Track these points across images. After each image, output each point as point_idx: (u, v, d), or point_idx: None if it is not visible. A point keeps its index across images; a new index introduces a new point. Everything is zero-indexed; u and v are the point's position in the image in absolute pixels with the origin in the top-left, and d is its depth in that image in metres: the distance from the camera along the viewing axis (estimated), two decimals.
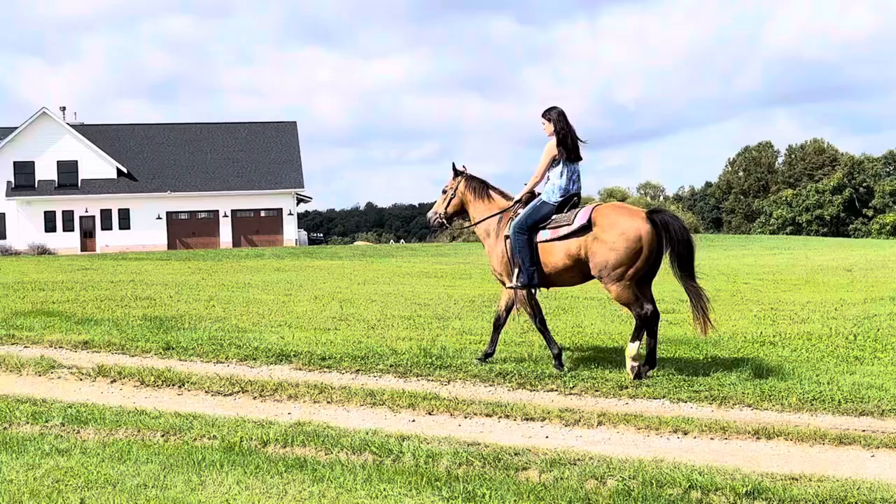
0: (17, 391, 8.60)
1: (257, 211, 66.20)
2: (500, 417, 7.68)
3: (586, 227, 9.24)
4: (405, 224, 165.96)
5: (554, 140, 9.72)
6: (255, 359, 10.14)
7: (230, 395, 8.58)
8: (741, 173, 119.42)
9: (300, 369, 9.70)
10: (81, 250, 62.43)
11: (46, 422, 7.34)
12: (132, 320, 13.39)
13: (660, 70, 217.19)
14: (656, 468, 6.02)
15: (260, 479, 5.80)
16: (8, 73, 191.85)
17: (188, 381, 8.92)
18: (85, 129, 66.89)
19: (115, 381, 9.12)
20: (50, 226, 63.68)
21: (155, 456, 6.31)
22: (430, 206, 10.97)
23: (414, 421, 7.64)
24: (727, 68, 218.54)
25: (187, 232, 65.06)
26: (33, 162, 64.04)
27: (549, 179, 9.81)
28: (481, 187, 10.54)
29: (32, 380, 9.28)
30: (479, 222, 10.42)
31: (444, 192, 10.83)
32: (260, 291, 20.26)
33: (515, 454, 6.36)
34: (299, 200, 68.71)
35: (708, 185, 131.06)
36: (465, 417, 7.74)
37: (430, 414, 7.86)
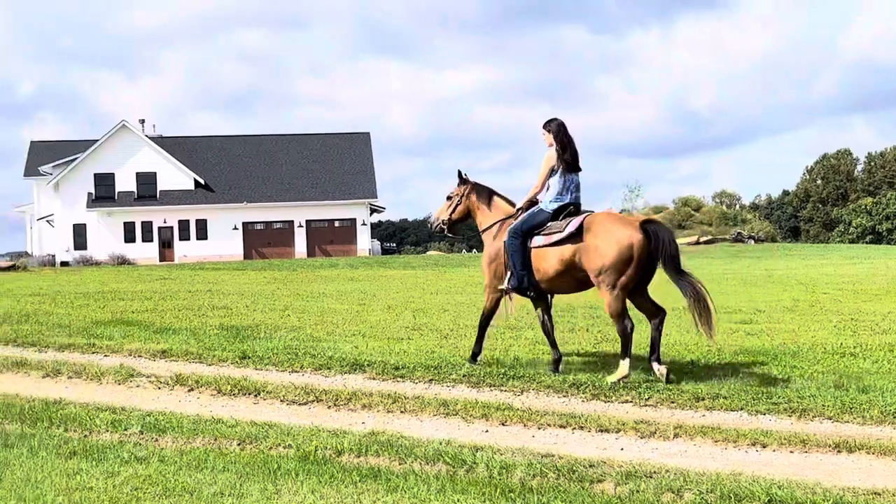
0: (97, 399, 8.76)
1: (331, 221, 66.74)
2: (574, 429, 7.62)
3: (578, 235, 9.58)
4: (477, 234, 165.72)
5: (553, 151, 10.06)
6: (329, 368, 10.20)
7: (305, 404, 8.63)
8: (819, 181, 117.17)
9: (374, 379, 9.73)
10: (160, 260, 63.59)
11: (126, 430, 7.46)
12: (209, 329, 13.58)
13: (734, 76, 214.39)
14: (734, 482, 5.92)
15: (334, 488, 5.83)
16: (89, 87, 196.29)
17: (264, 390, 9.01)
18: (163, 142, 68.16)
19: (192, 389, 9.25)
20: (129, 236, 64.94)
21: (231, 464, 6.38)
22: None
23: (487, 431, 7.61)
24: (803, 74, 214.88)
25: (263, 242, 65.88)
26: (113, 174, 65.40)
27: (549, 188, 10.14)
28: (488, 195, 10.94)
29: (112, 388, 9.44)
30: (486, 229, 10.75)
31: (450, 198, 11.21)
32: (334, 301, 20.41)
33: (590, 466, 6.30)
34: (372, 210, 69.17)
35: (785, 193, 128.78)
36: (539, 428, 7.69)
37: (503, 424, 7.82)
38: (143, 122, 69.71)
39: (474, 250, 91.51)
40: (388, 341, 12.52)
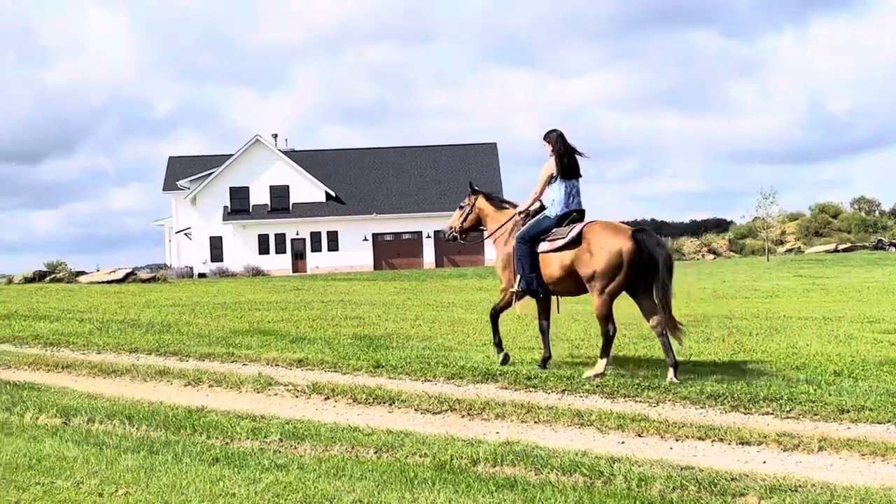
0: (237, 407, 8.97)
1: None
2: (714, 441, 7.44)
3: (577, 241, 10.23)
4: None
5: (552, 159, 10.75)
6: (461, 377, 10.21)
7: (439, 413, 8.66)
8: None
9: (506, 388, 9.69)
10: (293, 271, 64.95)
11: (265, 437, 7.61)
12: (343, 339, 13.78)
13: (874, 79, 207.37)
14: (884, 497, 5.68)
15: (471, 497, 5.81)
16: (224, 103, 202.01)
17: (398, 399, 9.08)
18: (295, 155, 69.71)
19: (328, 398, 9.38)
20: (263, 248, 66.55)
21: (369, 472, 6.43)
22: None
23: (623, 443, 7.49)
24: None
25: (392, 252, 66.66)
26: (248, 187, 67.16)
27: (552, 196, 10.81)
28: (497, 202, 11.90)
29: (251, 396, 9.65)
30: (493, 232, 11.63)
31: (462, 207, 12.23)
32: (464, 311, 20.47)
33: (732, 479, 6.13)
34: None
35: None
36: (677, 440, 7.53)
37: (639, 436, 7.69)
38: (275, 136, 71.43)
39: None
40: (519, 351, 12.48)
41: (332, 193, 67.49)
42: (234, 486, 6.10)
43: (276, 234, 66.76)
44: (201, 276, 62.82)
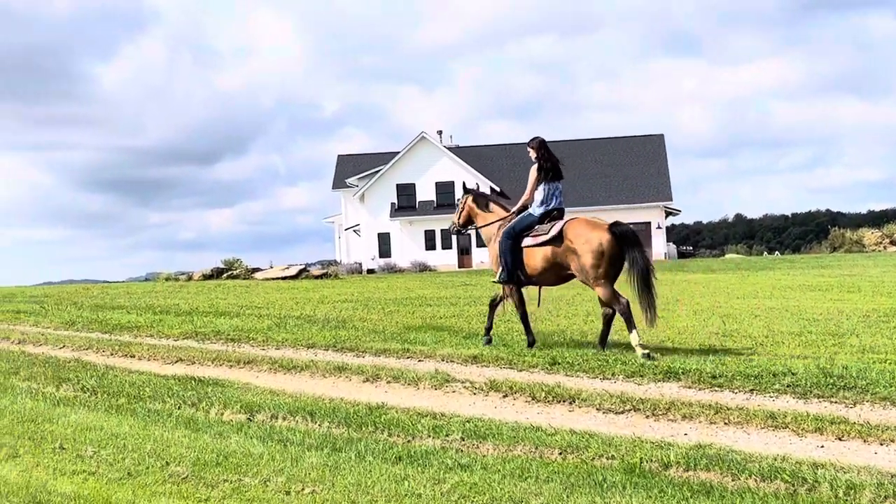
0: (416, 404, 8.90)
1: None
2: None
3: (559, 237, 11.58)
4: (777, 235, 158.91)
5: (536, 165, 12.26)
6: (642, 375, 9.88)
7: (622, 412, 8.37)
8: None
9: (689, 387, 9.32)
10: (459, 267, 65.34)
11: (447, 436, 7.50)
12: (516, 335, 13.61)
13: None
14: None
15: (664, 503, 5.54)
16: (389, 101, 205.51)
17: (578, 398, 8.83)
18: (459, 151, 70.09)
19: (506, 395, 9.21)
20: (430, 244, 67.17)
21: (555, 474, 6.23)
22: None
23: (822, 447, 7.04)
24: None
25: None
26: (414, 184, 67.92)
27: (536, 196, 12.21)
28: (484, 201, 13.38)
29: (429, 393, 9.58)
30: (481, 227, 13.14)
31: (457, 205, 13.70)
32: (635, 306, 19.97)
33: None
34: (668, 213, 67.85)
35: None
36: (881, 444, 7.03)
37: (839, 439, 7.22)
38: (440, 133, 71.99)
39: (776, 252, 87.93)
40: (700, 348, 12.04)
41: (497, 188, 67.51)
42: (419, 486, 6.00)
43: (442, 230, 67.24)
44: (370, 271, 63.93)
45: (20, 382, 10.33)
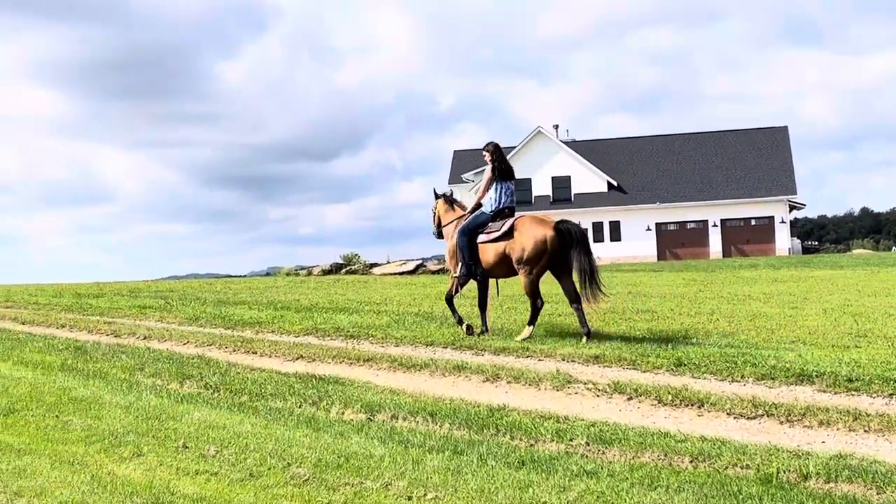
0: (537, 406, 8.69)
1: (747, 220, 64.46)
2: None
3: (510, 233, 12.69)
4: None
5: (489, 167, 13.34)
6: (772, 378, 9.47)
7: (753, 418, 8.02)
8: None
9: (824, 391, 8.89)
10: None
11: (571, 440, 7.28)
12: (638, 334, 13.28)
13: None
14: None
15: None
16: (505, 95, 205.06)
17: (707, 402, 8.49)
18: (576, 146, 69.50)
19: (631, 398, 8.93)
20: None
21: (686, 484, 5.95)
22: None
23: None
24: None
25: (676, 243, 65.04)
26: (530, 179, 67.57)
27: (490, 196, 13.28)
28: (449, 203, 14.59)
29: (550, 394, 9.35)
30: (444, 225, 14.33)
31: (432, 210, 14.92)
32: (762, 304, 19.38)
33: None
34: (791, 208, 65.98)
35: None
36: None
37: None
38: (556, 127, 71.48)
39: None
40: (833, 349, 11.54)
41: (614, 183, 66.73)
42: (544, 493, 5.81)
43: None
44: None
45: (145, 379, 10.48)
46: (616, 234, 66.00)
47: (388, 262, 47.93)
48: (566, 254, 12.35)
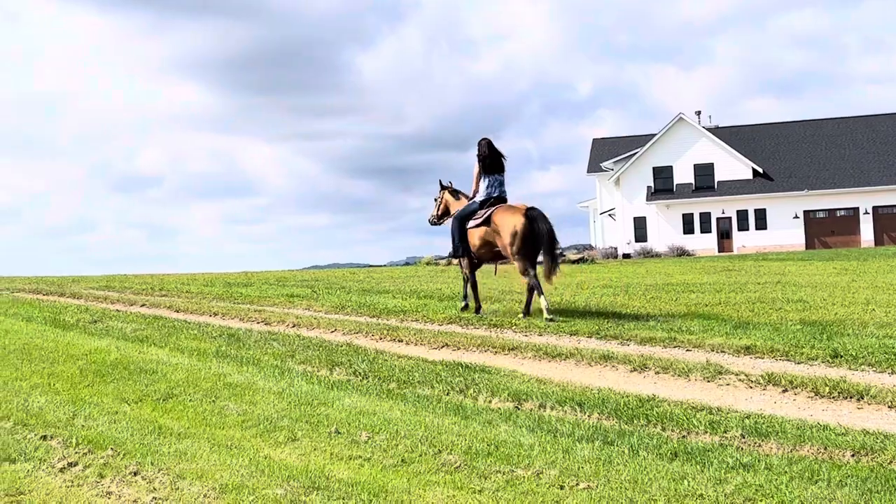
0: (687, 397, 8.53)
1: None
2: None
3: (488, 221, 14.48)
4: None
5: (477, 161, 15.03)
6: None
7: None
8: None
9: None
10: (718, 251, 63.45)
11: (725, 432, 7.12)
12: (789, 325, 12.91)
13: None
14: None
15: None
16: (643, 81, 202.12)
17: (867, 394, 8.18)
18: (719, 132, 68.02)
19: (786, 390, 8.68)
20: (688, 228, 65.52)
21: (848, 478, 5.74)
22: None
23: None
24: None
25: (825, 231, 63.00)
26: (671, 166, 66.47)
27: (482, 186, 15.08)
28: (455, 194, 16.32)
29: (701, 385, 9.17)
30: (452, 214, 15.95)
31: (435, 200, 16.74)
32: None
33: None
34: None
35: None
36: None
37: None
38: (698, 113, 70.11)
39: None
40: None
41: (759, 170, 65.03)
42: (700, 485, 5.68)
43: (700, 214, 65.48)
44: (626, 256, 63.10)
45: (296, 366, 10.70)
46: (761, 223, 64.34)
47: None
48: (536, 238, 13.91)
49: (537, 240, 13.90)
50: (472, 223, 14.81)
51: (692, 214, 65.68)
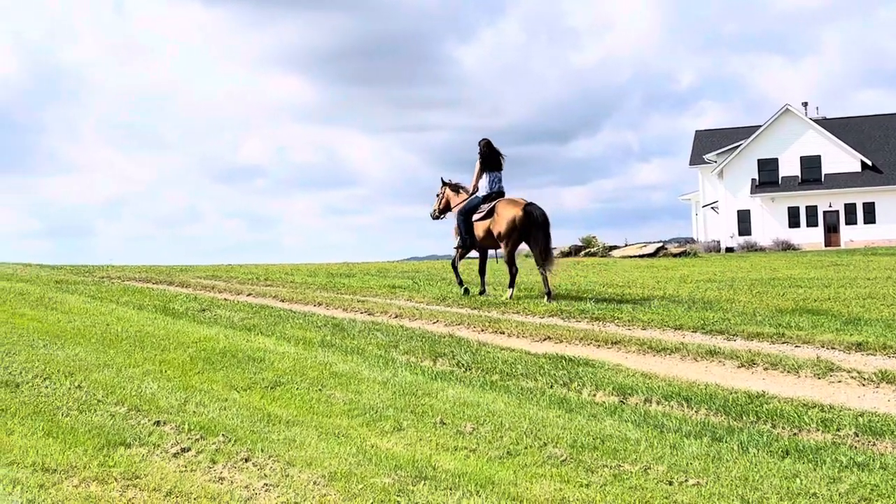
0: (797, 394, 8.37)
1: None
2: None
3: (490, 213, 16.32)
4: None
5: (478, 159, 16.93)
6: None
7: None
8: None
9: None
10: (825, 245, 62.00)
11: (837, 430, 6.96)
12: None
13: None
14: None
15: None
16: (749, 71, 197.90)
17: None
18: (826, 124, 66.44)
19: None
20: (793, 221, 64.17)
21: None
22: None
23: None
24: None
25: None
26: (776, 159, 65.14)
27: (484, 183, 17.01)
28: (455, 189, 17.92)
29: (811, 382, 8.97)
30: (453, 208, 17.84)
31: (438, 196, 18.35)
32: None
33: None
34: None
35: None
36: None
37: None
38: (805, 104, 68.58)
39: None
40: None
41: (868, 162, 63.30)
42: (813, 484, 5.57)
43: (806, 207, 64.07)
44: (728, 250, 62.07)
45: (399, 356, 10.78)
46: (870, 216, 62.66)
47: (627, 245, 47.30)
48: (531, 229, 15.79)
49: (530, 232, 15.81)
50: (476, 216, 16.69)
51: (798, 208, 64.29)
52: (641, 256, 41.26)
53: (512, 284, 16.51)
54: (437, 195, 18.35)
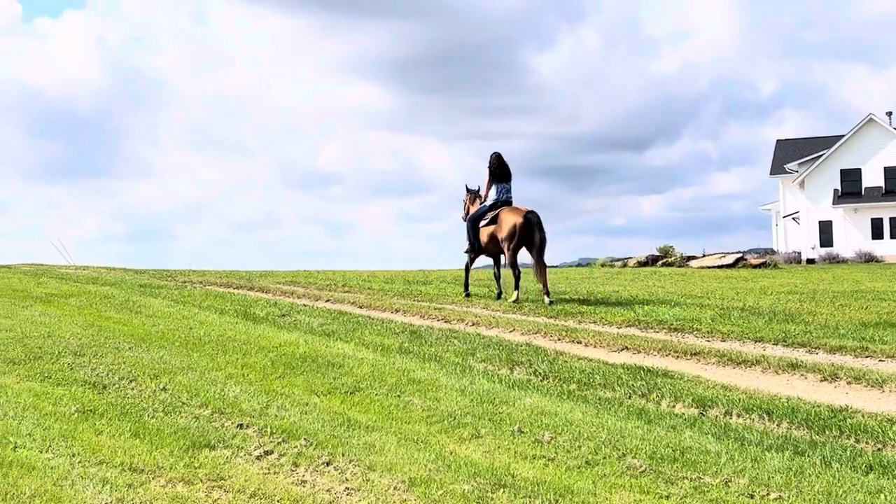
0: (882, 409, 8.23)
1: None
2: None
3: (495, 220, 17.88)
4: None
5: (488, 172, 18.61)
6: None
7: None
8: None
9: None
10: None
11: None
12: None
13: None
14: None
15: None
16: (831, 80, 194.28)
17: None
18: None
19: None
20: (876, 233, 62.81)
21: None
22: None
23: None
24: None
25: None
26: (859, 169, 63.84)
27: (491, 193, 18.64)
28: (474, 197, 19.35)
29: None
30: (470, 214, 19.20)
31: (463, 202, 19.90)
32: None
33: None
34: None
35: None
36: None
37: None
38: (889, 114, 66.97)
39: None
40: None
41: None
42: (894, 499, 5.49)
43: (890, 219, 62.65)
44: (809, 261, 60.96)
45: (477, 364, 10.83)
46: None
47: (705, 255, 46.72)
48: (531, 235, 17.21)
49: (531, 238, 17.21)
50: (483, 223, 18.32)
51: (881, 219, 62.91)
52: (720, 267, 40.71)
53: (517, 287, 17.61)
54: (463, 201, 20.00)
